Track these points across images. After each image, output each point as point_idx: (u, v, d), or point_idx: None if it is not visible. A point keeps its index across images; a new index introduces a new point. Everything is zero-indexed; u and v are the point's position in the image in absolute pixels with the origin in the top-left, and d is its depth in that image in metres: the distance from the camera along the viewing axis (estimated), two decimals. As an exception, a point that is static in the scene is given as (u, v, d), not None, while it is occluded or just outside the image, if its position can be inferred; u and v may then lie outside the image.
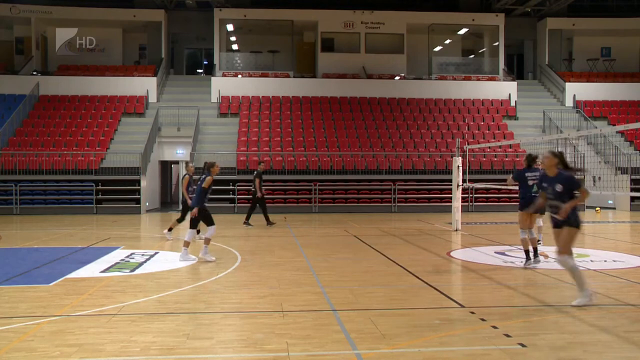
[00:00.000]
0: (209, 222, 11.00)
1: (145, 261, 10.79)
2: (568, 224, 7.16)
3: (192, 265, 10.41)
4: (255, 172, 18.07)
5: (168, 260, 11.01)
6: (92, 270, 9.84)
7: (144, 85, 28.15)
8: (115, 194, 22.71)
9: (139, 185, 22.70)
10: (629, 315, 6.80)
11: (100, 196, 22.63)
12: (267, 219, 17.62)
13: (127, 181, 22.71)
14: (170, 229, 14.35)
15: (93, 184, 22.43)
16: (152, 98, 28.14)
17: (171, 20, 30.49)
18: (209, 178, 11.20)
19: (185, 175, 14.30)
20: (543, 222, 11.43)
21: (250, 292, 8.23)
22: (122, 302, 7.44)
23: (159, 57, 30.01)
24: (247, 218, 17.68)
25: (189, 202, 12.92)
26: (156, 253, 11.88)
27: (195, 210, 11.01)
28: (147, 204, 23.50)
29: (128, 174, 22.80)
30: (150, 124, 25.63)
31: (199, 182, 11.38)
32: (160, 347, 5.63)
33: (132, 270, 9.80)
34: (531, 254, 9.96)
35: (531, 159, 10.14)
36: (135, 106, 27.51)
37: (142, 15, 29.69)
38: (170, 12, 30.39)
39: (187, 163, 13.98)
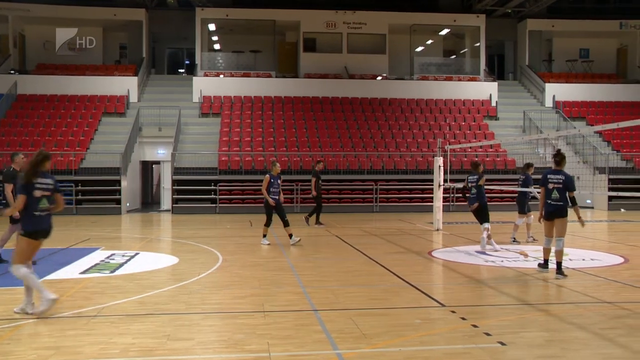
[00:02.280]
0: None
1: (125, 262, 10.70)
2: None
3: (173, 266, 10.35)
4: (312, 172, 18.05)
5: (149, 261, 10.93)
6: (71, 271, 9.74)
7: (125, 85, 27.91)
8: (95, 194, 22.50)
9: (120, 185, 22.51)
10: (605, 312, 6.89)
11: (80, 197, 22.40)
12: (317, 218, 17.56)
13: (108, 181, 22.51)
14: (290, 235, 13.20)
15: (72, 184, 22.18)
16: (133, 98, 27.92)
17: (152, 19, 30.27)
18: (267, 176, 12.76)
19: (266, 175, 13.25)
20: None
21: (231, 293, 8.20)
22: (101, 303, 7.37)
23: (139, 57, 29.79)
24: (317, 219, 17.53)
25: (270, 201, 12.84)
26: (137, 254, 11.78)
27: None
28: (128, 204, 23.31)
29: (108, 174, 22.60)
30: (131, 124, 25.43)
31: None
32: (140, 348, 5.58)
33: (112, 272, 9.72)
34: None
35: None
36: (115, 106, 27.27)
37: (123, 14, 29.43)
38: (151, 11, 30.17)
39: (273, 162, 13.27)
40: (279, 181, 13.07)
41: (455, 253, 11.94)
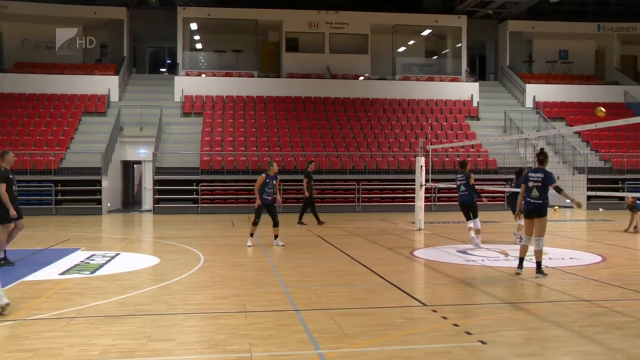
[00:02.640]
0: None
1: (106, 263, 10.60)
2: None
3: (155, 267, 10.28)
4: (305, 172, 18.09)
5: (130, 262, 10.84)
6: (50, 272, 9.63)
7: (106, 84, 27.66)
8: (75, 194, 22.28)
9: (100, 185, 22.31)
10: (583, 310, 6.98)
11: (59, 197, 22.17)
12: (317, 217, 17.62)
13: (88, 181, 22.31)
14: (275, 236, 13.15)
15: (52, 185, 21.95)
16: (114, 97, 27.68)
17: (133, 18, 30.04)
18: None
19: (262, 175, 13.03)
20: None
21: (212, 293, 8.17)
22: (81, 304, 7.30)
23: (120, 56, 29.54)
24: (317, 218, 17.64)
25: (258, 202, 12.70)
26: (117, 254, 11.68)
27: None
28: (109, 204, 23.11)
29: (89, 174, 22.40)
30: (111, 123, 25.22)
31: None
32: (120, 349, 5.54)
33: (92, 272, 9.62)
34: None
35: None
36: (96, 105, 27.02)
37: (103, 13, 29.17)
38: (132, 10, 29.95)
39: (270, 162, 13.08)
40: (274, 182, 12.89)
41: (437, 252, 12.01)
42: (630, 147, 26.96)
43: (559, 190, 9.22)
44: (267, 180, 12.71)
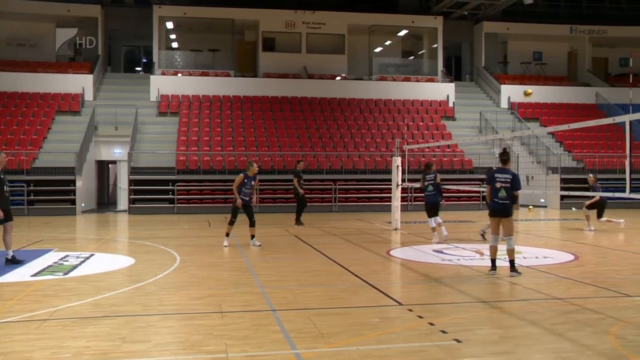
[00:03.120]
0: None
1: (80, 263, 10.47)
2: None
3: (130, 267, 10.18)
4: (293, 172, 18.15)
5: (104, 263, 10.72)
6: (21, 274, 9.47)
7: (80, 83, 27.30)
8: (48, 194, 21.95)
9: (74, 185, 22.02)
10: (555, 308, 7.09)
11: (32, 197, 21.82)
12: (298, 218, 17.58)
13: (62, 181, 21.99)
14: (252, 236, 13.09)
15: (24, 184, 21.59)
16: (88, 96, 27.34)
17: (108, 16, 29.70)
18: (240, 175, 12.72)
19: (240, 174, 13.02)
20: None
21: (188, 294, 8.12)
22: (54, 306, 7.19)
23: (95, 54, 29.18)
24: (297, 218, 17.61)
25: (239, 202, 12.64)
26: (92, 255, 11.55)
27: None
28: (83, 204, 22.83)
29: (62, 174, 22.08)
30: (86, 122, 24.91)
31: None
32: (94, 351, 5.48)
33: (65, 273, 9.49)
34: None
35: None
36: (70, 104, 26.65)
37: (77, 11, 28.76)
38: (106, 8, 29.61)
39: (250, 162, 13.02)
40: (253, 182, 12.85)
41: (413, 252, 12.09)
42: (601, 147, 27.44)
43: (515, 200, 9.38)
44: (246, 180, 12.67)
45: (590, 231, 15.58)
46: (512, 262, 9.16)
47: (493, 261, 9.31)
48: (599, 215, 15.88)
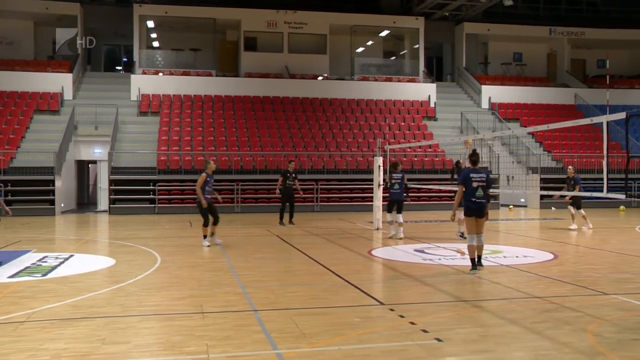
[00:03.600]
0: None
1: (59, 264, 10.35)
2: None
3: (110, 268, 10.09)
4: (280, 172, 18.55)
5: (84, 263, 10.61)
6: (-1, 275, 9.34)
7: (59, 82, 27.01)
8: (27, 194, 21.67)
9: (53, 185, 21.76)
10: (535, 307, 7.16)
11: (10, 197, 21.51)
12: (281, 217, 17.66)
13: (41, 181, 21.72)
14: (212, 233, 13.13)
15: (2, 185, 21.29)
16: (68, 95, 27.05)
17: (88, 14, 29.40)
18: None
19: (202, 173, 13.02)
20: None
21: (169, 294, 8.07)
22: (32, 308, 7.10)
23: (75, 53, 28.85)
24: (281, 218, 17.65)
25: (204, 202, 12.63)
26: (71, 256, 11.42)
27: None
28: (62, 205, 22.57)
29: (41, 173, 21.81)
30: (65, 122, 24.63)
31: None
32: (73, 353, 5.41)
33: (44, 275, 9.38)
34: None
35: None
36: (49, 103, 26.34)
37: (56, 8, 28.43)
38: (86, 6, 29.30)
39: (207, 160, 13.16)
40: (212, 180, 12.93)
41: (394, 252, 12.13)
42: (580, 147, 27.76)
43: (489, 199, 9.58)
44: (208, 179, 12.72)
45: (574, 230, 15.81)
46: (479, 257, 9.39)
47: (473, 260, 9.38)
48: (579, 207, 16.20)
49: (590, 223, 16.16)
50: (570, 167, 16.92)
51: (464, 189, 9.32)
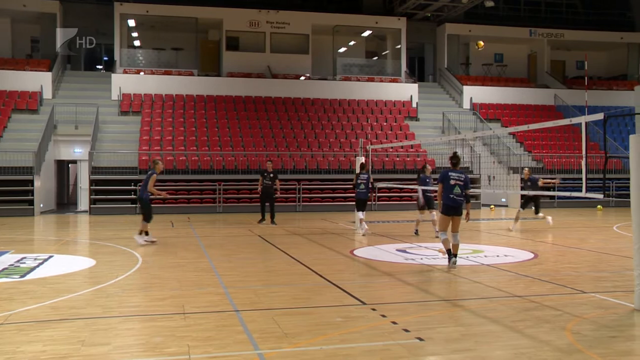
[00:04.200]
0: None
1: (37, 266, 10.22)
2: None
3: (90, 269, 9.99)
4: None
5: (63, 264, 10.50)
6: (-23, 276, 9.21)
7: (38, 81, 26.69)
8: (5, 195, 21.37)
9: (32, 185, 21.50)
10: (515, 306, 7.22)
11: (-12, 197, 21.23)
12: (262, 216, 17.93)
13: (19, 181, 21.45)
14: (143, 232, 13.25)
15: (-20, 185, 21.00)
16: (47, 94, 26.74)
17: (67, 12, 29.08)
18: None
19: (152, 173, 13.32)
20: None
21: (150, 295, 8.01)
22: (9, 310, 7.00)
23: (54, 51, 28.55)
24: (272, 218, 17.81)
25: (164, 195, 13.67)
26: (50, 257, 11.29)
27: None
28: (42, 205, 22.30)
29: (20, 173, 21.54)
30: (44, 121, 24.33)
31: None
32: (52, 356, 5.35)
33: (22, 276, 9.26)
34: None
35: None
36: (27, 102, 26.01)
37: (33, 6, 28.07)
38: (66, 4, 28.99)
39: (156, 161, 13.50)
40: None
41: (376, 251, 12.16)
42: (560, 147, 28.08)
43: (469, 199, 9.86)
44: (157, 178, 13.35)
45: (549, 223, 16.09)
46: (455, 255, 9.61)
47: (449, 251, 9.58)
48: (538, 208, 16.46)
49: (515, 225, 16.19)
50: (526, 169, 17.26)
51: (442, 186, 9.58)
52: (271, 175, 17.78)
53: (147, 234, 13.11)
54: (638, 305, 6.88)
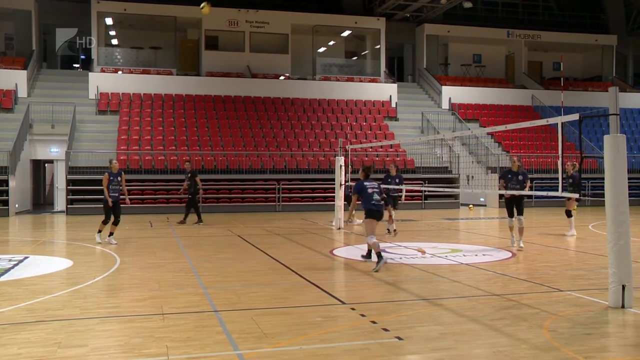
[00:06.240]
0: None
1: (12, 267, 10.07)
2: None
3: (67, 270, 9.87)
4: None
5: (40, 265, 10.35)
6: (-50, 278, 9.04)
7: (12, 79, 26.29)
8: (-21, 195, 21.03)
9: (7, 185, 21.17)
10: (494, 304, 7.29)
11: (-38, 198, 20.87)
12: (185, 218, 18.02)
13: (-7, 181, 21.12)
14: (111, 233, 13.39)
15: (-47, 185, 20.63)
16: (22, 93, 26.35)
17: (43, 9, 28.70)
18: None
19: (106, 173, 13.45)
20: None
21: (129, 296, 7.93)
22: (-16, 312, 6.90)
23: (29, 49, 28.15)
24: (184, 218, 17.90)
25: (109, 201, 13.15)
26: (26, 258, 11.13)
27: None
28: (17, 205, 21.98)
29: (-6, 173, 21.22)
30: (19, 120, 23.97)
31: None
32: (27, 358, 5.27)
33: (-3, 277, 9.12)
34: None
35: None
36: (1, 101, 25.62)
37: (7, 2, 27.58)
38: (41, 1, 28.58)
39: (111, 160, 13.57)
40: (118, 178, 13.33)
41: (356, 251, 12.18)
42: (537, 147, 28.40)
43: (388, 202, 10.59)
44: (111, 178, 13.20)
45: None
46: (369, 252, 10.48)
47: (378, 254, 9.77)
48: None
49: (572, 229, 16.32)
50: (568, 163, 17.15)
51: (361, 197, 10.17)
52: (189, 174, 17.83)
53: (109, 235, 13.08)
54: (612, 302, 6.99)
